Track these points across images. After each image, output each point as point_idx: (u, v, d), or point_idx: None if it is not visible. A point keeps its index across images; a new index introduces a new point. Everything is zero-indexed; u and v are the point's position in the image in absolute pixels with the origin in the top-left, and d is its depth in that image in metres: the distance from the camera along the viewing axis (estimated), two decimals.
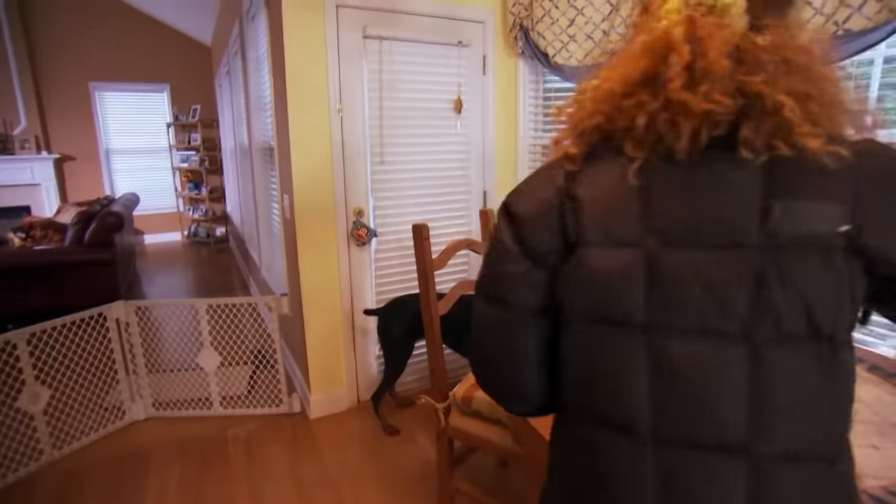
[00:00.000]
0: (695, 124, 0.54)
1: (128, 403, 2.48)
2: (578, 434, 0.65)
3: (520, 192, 0.68)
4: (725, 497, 0.56)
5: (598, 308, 0.60)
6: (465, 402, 1.66)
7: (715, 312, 0.55)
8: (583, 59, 2.42)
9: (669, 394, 0.57)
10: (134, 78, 6.50)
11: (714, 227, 0.55)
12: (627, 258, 0.58)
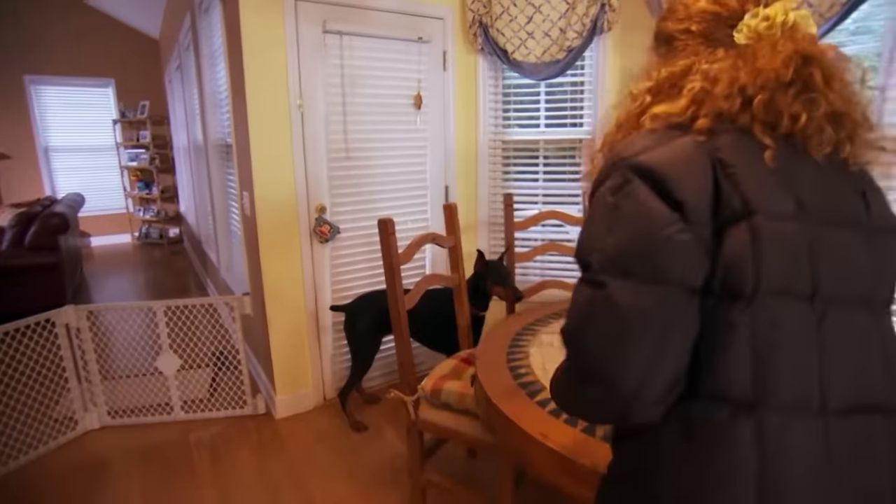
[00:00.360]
0: (841, 133, 0.64)
1: (80, 413, 2.37)
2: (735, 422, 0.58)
3: (640, 149, 0.62)
4: (886, 455, 0.61)
5: (782, 281, 0.59)
6: (434, 395, 1.68)
7: (859, 283, 0.63)
8: (541, 55, 2.48)
9: (835, 363, 0.60)
10: (75, 72, 6.16)
11: (845, 210, 0.65)
12: (796, 231, 0.60)
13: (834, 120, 0.64)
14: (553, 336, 1.62)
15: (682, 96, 0.66)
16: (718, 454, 0.59)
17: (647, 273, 0.57)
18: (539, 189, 2.77)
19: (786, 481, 0.58)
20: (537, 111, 2.71)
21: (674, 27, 0.73)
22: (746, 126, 0.63)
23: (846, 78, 0.65)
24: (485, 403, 1.32)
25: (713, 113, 0.63)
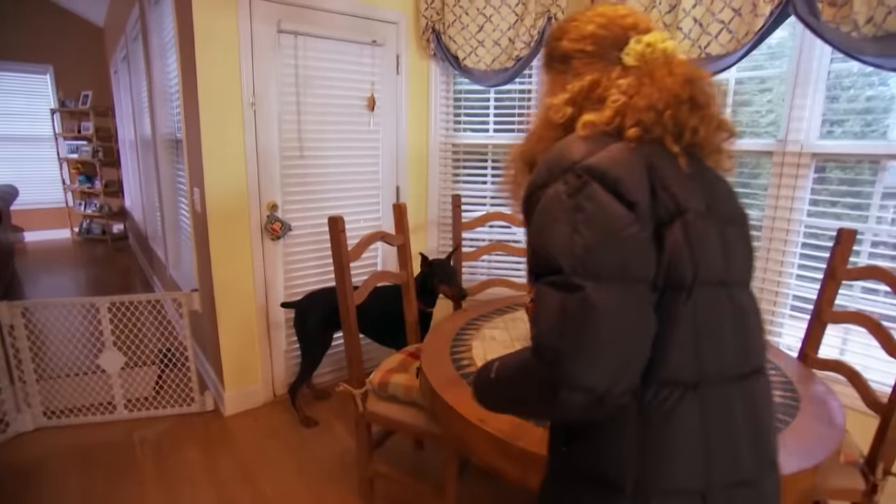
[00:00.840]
0: (725, 137, 0.78)
1: (12, 414, 2.28)
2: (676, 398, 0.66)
3: (591, 152, 0.68)
4: (763, 401, 0.75)
5: (712, 271, 0.68)
6: (382, 388, 1.75)
7: (743, 267, 0.76)
8: (490, 63, 2.59)
9: (743, 339, 0.73)
10: (8, 56, 5.80)
11: (728, 208, 0.77)
12: (712, 228, 0.70)
13: (726, 133, 0.78)
14: (495, 330, 1.71)
15: (607, 108, 0.74)
16: (671, 430, 0.66)
17: (617, 273, 0.61)
18: (487, 191, 2.88)
19: (721, 440, 0.68)
20: (487, 116, 2.82)
21: (570, 46, 0.82)
22: (659, 137, 0.72)
23: (717, 96, 0.78)
24: (429, 393, 1.40)
25: (636, 123, 0.71)
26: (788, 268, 2.01)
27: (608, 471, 0.69)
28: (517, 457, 1.11)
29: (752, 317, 0.75)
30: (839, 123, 1.88)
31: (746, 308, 0.74)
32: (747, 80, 2.09)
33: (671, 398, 0.66)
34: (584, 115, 0.75)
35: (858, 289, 1.86)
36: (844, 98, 1.87)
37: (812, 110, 1.88)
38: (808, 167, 1.91)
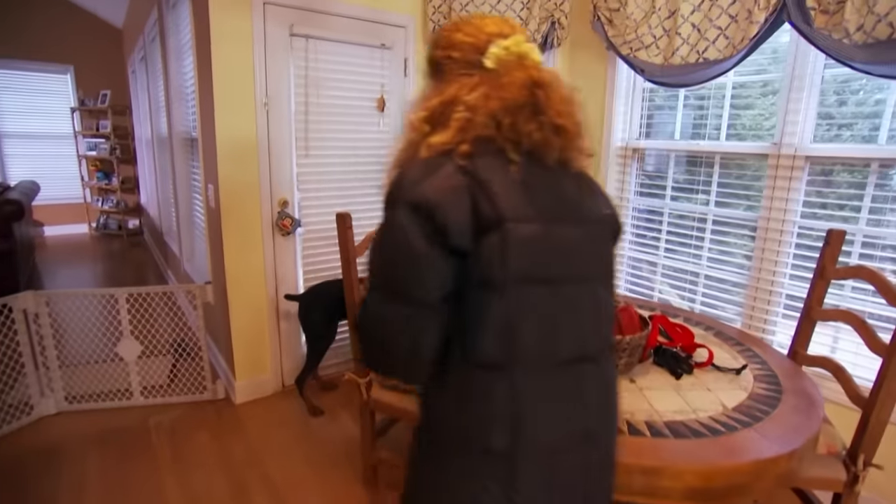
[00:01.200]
0: (562, 142, 0.83)
1: (36, 398, 2.40)
2: (491, 375, 0.78)
3: (416, 181, 0.76)
4: (593, 390, 0.85)
5: (524, 271, 0.77)
6: (384, 377, 1.83)
7: (580, 264, 0.83)
8: None
9: (564, 327, 0.81)
10: (31, 56, 5.99)
11: (568, 209, 0.83)
12: (536, 230, 0.78)
13: (557, 132, 0.82)
14: None
15: (451, 126, 0.80)
16: (484, 403, 0.78)
17: (407, 291, 0.75)
18: None
19: (529, 416, 0.79)
20: None
21: (440, 54, 0.88)
22: (501, 146, 0.80)
23: (565, 95, 0.84)
24: None
25: (474, 138, 0.79)
26: (782, 268, 2.06)
27: (440, 431, 0.83)
28: None
29: (589, 310, 0.84)
30: (848, 127, 1.90)
31: (580, 302, 0.82)
32: (750, 84, 2.14)
33: (486, 377, 0.78)
34: (431, 136, 0.81)
35: (849, 289, 1.91)
36: (853, 101, 1.90)
37: (806, 114, 1.94)
38: (801, 170, 1.97)
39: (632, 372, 1.41)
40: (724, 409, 1.25)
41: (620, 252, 2.69)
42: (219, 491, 1.96)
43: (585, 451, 0.84)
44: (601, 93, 2.59)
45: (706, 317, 2.01)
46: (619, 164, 2.63)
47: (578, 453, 0.83)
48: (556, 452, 0.81)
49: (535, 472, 0.79)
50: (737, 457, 1.07)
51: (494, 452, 0.78)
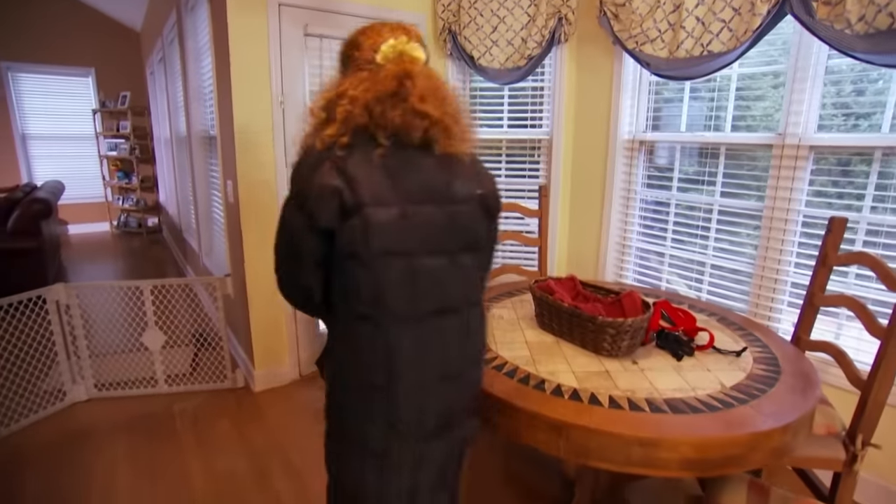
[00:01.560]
0: (425, 125, 0.96)
1: (69, 385, 2.53)
2: (361, 322, 1.00)
3: (304, 178, 0.95)
4: (454, 338, 1.06)
5: (387, 246, 0.95)
6: None
7: (437, 240, 0.99)
8: (504, 62, 2.72)
9: (423, 289, 0.99)
10: (54, 61, 6.17)
11: (431, 191, 0.99)
12: (394, 213, 0.95)
13: (419, 116, 0.95)
14: (503, 310, 1.85)
15: (337, 119, 0.95)
16: (367, 349, 0.99)
17: (294, 254, 1.00)
18: (501, 184, 3.01)
19: (400, 359, 0.99)
20: (501, 112, 2.95)
21: (346, 52, 1.06)
22: (373, 133, 0.95)
23: (432, 85, 0.98)
24: None
25: (354, 129, 0.95)
26: (787, 256, 2.10)
27: (340, 371, 1.05)
28: (513, 414, 1.25)
29: (449, 274, 1.02)
30: (866, 117, 1.91)
31: (439, 269, 1.01)
32: (759, 76, 2.16)
33: (366, 328, 0.99)
34: (325, 128, 0.97)
35: (852, 276, 1.94)
36: (857, 91, 1.91)
37: (810, 104, 1.97)
38: (805, 159, 2.00)
39: (634, 354, 1.47)
40: (723, 387, 1.30)
41: (622, 241, 2.74)
42: (242, 475, 2.06)
43: (445, 386, 1.06)
44: (608, 87, 2.63)
45: (711, 304, 2.06)
46: (626, 157, 2.67)
47: (442, 388, 1.05)
48: (424, 387, 1.03)
49: (409, 403, 1.01)
50: (732, 430, 1.12)
51: (377, 387, 1.00)
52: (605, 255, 2.79)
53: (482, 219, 1.05)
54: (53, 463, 2.12)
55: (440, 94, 0.98)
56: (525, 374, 1.38)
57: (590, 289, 1.73)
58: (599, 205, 2.78)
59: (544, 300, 1.61)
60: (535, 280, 1.74)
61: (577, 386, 1.31)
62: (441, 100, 0.98)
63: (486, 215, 1.06)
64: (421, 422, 1.03)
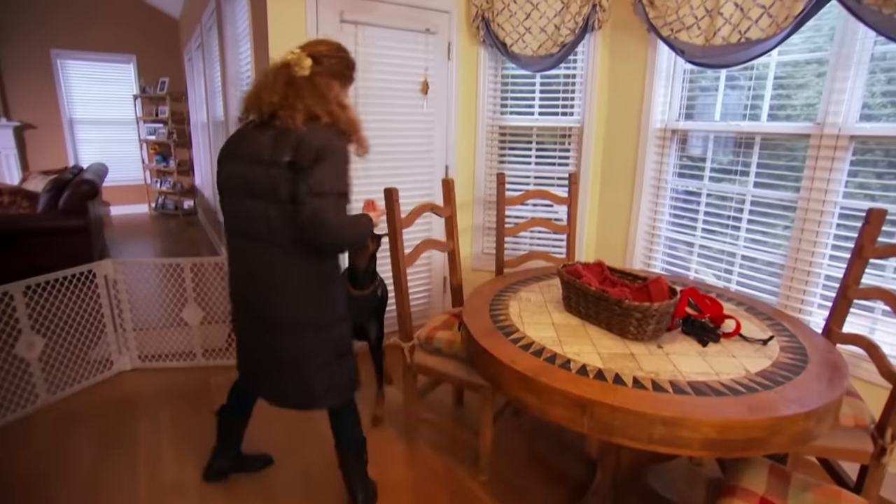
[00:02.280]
0: (260, 105, 1.45)
1: (115, 355, 2.68)
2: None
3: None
4: (265, 259, 1.49)
5: (229, 188, 1.54)
6: (428, 342, 1.97)
7: (252, 188, 1.45)
8: (536, 49, 2.72)
9: (243, 221, 1.52)
10: (99, 48, 6.41)
11: (251, 152, 1.44)
12: (230, 165, 1.51)
13: (258, 99, 1.45)
14: (531, 293, 1.89)
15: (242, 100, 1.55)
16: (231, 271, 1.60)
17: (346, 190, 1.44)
18: (531, 171, 3.02)
19: (231, 267, 1.58)
20: (532, 100, 2.96)
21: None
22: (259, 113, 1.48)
23: (273, 77, 1.44)
24: (468, 341, 1.60)
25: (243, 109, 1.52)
26: (822, 248, 2.07)
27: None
28: (539, 391, 1.29)
29: (258, 214, 1.44)
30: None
31: (252, 209, 1.44)
32: (802, 64, 2.12)
33: (231, 254, 1.58)
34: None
35: (891, 269, 1.90)
36: None
37: (853, 93, 1.92)
38: (845, 149, 1.96)
39: (660, 338, 1.49)
40: (747, 373, 1.32)
41: (651, 230, 2.72)
42: (276, 442, 2.17)
43: (247, 308, 1.57)
44: (641, 75, 2.61)
45: (740, 294, 2.05)
46: (657, 146, 2.65)
47: (248, 308, 1.57)
48: (240, 303, 1.59)
49: (237, 314, 1.63)
50: (754, 413, 1.14)
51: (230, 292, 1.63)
52: (633, 243, 2.79)
53: (286, 179, 1.37)
54: (104, 425, 2.27)
55: (277, 82, 1.42)
56: (551, 353, 1.41)
57: (617, 274, 1.76)
58: (629, 193, 2.77)
59: (571, 283, 1.64)
60: (563, 264, 1.77)
61: (601, 366, 1.34)
62: (275, 87, 1.41)
63: (291, 174, 1.36)
64: (241, 315, 1.60)
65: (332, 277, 1.55)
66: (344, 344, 1.61)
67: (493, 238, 3.18)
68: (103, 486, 1.89)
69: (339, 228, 1.39)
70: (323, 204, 1.35)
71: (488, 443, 1.92)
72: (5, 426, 2.24)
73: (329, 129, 1.42)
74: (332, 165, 1.37)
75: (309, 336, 1.52)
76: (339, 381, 1.62)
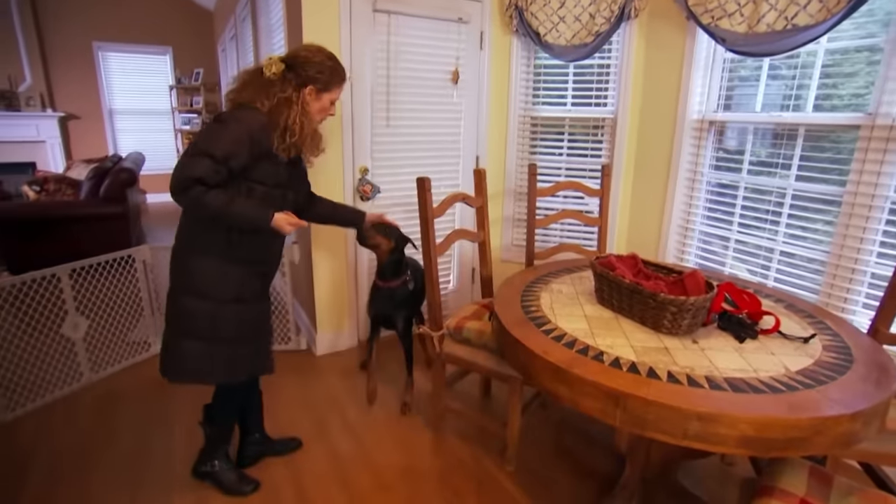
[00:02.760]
0: (227, 101, 1.66)
1: (152, 338, 2.77)
2: None
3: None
4: None
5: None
6: (457, 331, 1.97)
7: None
8: (570, 39, 2.67)
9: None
10: (137, 40, 6.58)
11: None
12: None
13: (227, 96, 1.60)
14: (562, 285, 1.87)
15: None
16: None
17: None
18: (562, 163, 2.98)
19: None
20: (565, 90, 2.91)
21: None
22: None
23: (253, 78, 1.58)
24: (499, 331, 1.60)
25: None
26: (869, 245, 1.98)
27: None
28: (571, 382, 1.28)
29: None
30: None
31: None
32: (853, 52, 2.02)
33: None
34: None
35: None
36: None
37: None
38: None
39: (695, 333, 1.46)
40: (787, 371, 1.28)
41: (685, 224, 2.66)
42: (303, 426, 2.21)
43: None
44: (678, 64, 2.54)
45: (778, 290, 1.99)
46: (693, 138, 2.58)
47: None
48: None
49: None
50: (795, 412, 1.11)
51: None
52: (666, 237, 2.73)
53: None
54: (143, 403, 2.35)
55: (240, 83, 1.56)
56: (584, 345, 1.40)
57: (651, 267, 1.72)
58: (663, 186, 2.71)
59: (605, 276, 1.62)
60: (596, 256, 1.74)
61: (635, 359, 1.32)
62: (238, 86, 1.56)
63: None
64: None
65: (200, 246, 1.55)
66: (189, 323, 1.56)
67: (522, 229, 3.16)
68: (143, 461, 1.97)
69: (177, 183, 1.40)
70: (182, 161, 1.42)
71: (516, 433, 1.92)
72: (53, 402, 2.35)
73: (243, 109, 1.50)
74: (211, 129, 1.46)
75: (170, 300, 1.60)
76: (180, 359, 1.59)
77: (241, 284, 1.60)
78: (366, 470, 1.95)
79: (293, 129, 1.54)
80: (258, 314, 1.69)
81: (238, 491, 1.80)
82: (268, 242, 1.64)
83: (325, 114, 1.68)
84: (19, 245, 3.75)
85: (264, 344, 1.75)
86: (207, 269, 1.54)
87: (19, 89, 6.01)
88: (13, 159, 6.14)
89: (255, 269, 1.64)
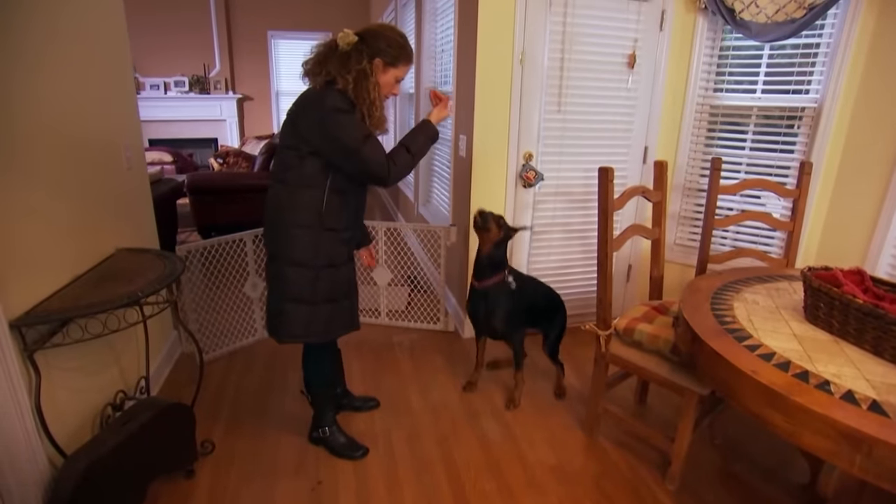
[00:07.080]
0: (308, 74, 1.71)
1: None
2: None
3: None
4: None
5: None
6: (627, 333, 1.86)
7: (283, 135, 1.72)
8: (773, 14, 2.35)
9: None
10: (301, 27, 7.16)
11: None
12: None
13: (308, 69, 1.68)
14: (757, 296, 1.66)
15: None
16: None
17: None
18: (743, 158, 2.66)
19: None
20: (756, 75, 2.57)
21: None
22: None
23: (330, 51, 1.65)
24: (690, 340, 1.46)
25: None
26: None
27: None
28: (790, 411, 1.12)
29: (278, 158, 1.75)
30: None
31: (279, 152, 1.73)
32: None
33: None
34: None
35: None
36: None
37: None
38: None
39: None
40: None
41: None
42: (452, 407, 2.25)
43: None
44: None
45: None
46: None
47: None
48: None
49: None
50: None
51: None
52: (877, 251, 2.32)
53: (288, 127, 1.63)
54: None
55: (316, 56, 1.64)
56: (801, 369, 1.22)
57: (884, 287, 1.45)
58: (880, 191, 2.29)
59: (825, 292, 1.39)
60: (809, 267, 1.51)
61: (875, 396, 1.11)
62: (318, 60, 1.63)
63: (292, 125, 1.62)
64: None
65: (297, 221, 1.66)
66: (293, 289, 1.70)
67: (688, 228, 2.90)
68: (305, 408, 2.14)
69: (379, 170, 1.62)
70: (361, 158, 1.59)
71: (683, 450, 1.77)
72: (235, 351, 2.67)
73: (331, 92, 1.57)
74: (344, 121, 1.56)
75: (271, 268, 1.76)
76: (287, 321, 1.73)
77: (332, 251, 1.72)
78: (517, 462, 1.93)
79: (375, 103, 1.62)
80: (347, 275, 1.81)
81: (349, 456, 1.93)
82: (348, 212, 1.75)
83: (389, 90, 1.70)
84: (213, 207, 4.31)
85: (354, 302, 1.87)
86: (305, 240, 1.67)
87: (210, 75, 6.90)
88: (201, 135, 7.11)
89: (340, 235, 1.74)
